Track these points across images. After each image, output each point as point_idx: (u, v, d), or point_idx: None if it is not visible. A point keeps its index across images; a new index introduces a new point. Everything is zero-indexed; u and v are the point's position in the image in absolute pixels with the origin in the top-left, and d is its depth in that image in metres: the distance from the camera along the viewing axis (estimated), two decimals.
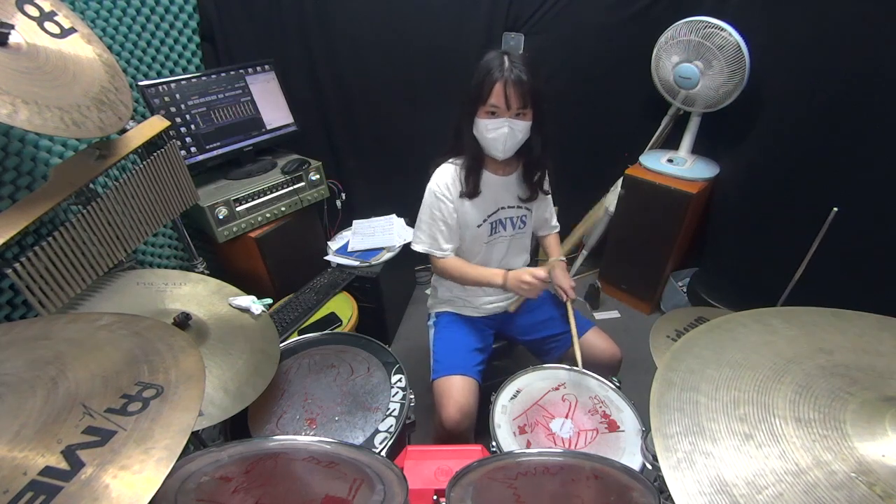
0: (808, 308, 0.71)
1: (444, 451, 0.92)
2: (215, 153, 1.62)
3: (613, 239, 2.17)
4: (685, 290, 2.02)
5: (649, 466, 0.69)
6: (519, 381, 1.13)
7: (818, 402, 0.54)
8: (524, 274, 1.14)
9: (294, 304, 1.65)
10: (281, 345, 1.13)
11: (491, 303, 1.35)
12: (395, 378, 1.10)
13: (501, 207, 1.25)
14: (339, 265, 1.85)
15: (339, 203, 2.04)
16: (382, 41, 1.80)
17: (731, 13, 1.61)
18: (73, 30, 0.97)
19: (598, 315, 2.20)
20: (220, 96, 1.62)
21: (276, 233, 1.69)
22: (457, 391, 1.16)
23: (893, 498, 0.43)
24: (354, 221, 2.06)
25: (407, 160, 2.01)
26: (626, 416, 1.03)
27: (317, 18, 1.75)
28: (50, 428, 0.51)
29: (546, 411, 1.05)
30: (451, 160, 1.20)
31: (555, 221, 1.44)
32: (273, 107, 1.77)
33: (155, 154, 1.11)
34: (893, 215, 1.37)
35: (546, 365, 1.17)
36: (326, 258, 1.89)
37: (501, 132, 1.08)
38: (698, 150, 1.95)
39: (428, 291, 1.52)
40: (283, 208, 1.70)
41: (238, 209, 1.58)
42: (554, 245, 1.44)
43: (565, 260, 1.39)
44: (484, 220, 1.23)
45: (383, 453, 0.94)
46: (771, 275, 1.59)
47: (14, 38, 0.83)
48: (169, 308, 1.02)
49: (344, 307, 1.68)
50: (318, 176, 1.80)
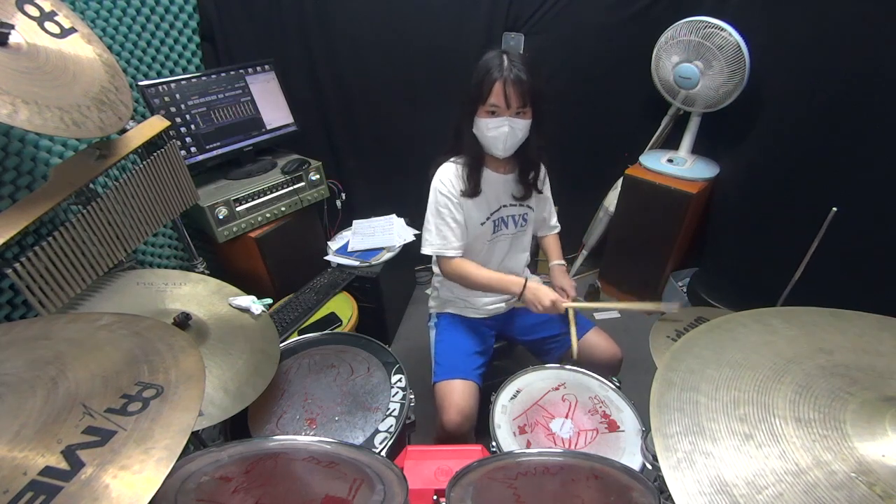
0: (808, 308, 0.71)
1: (444, 451, 0.92)
2: (215, 153, 1.62)
3: (613, 239, 2.17)
4: (685, 290, 2.02)
5: (649, 466, 0.69)
6: (519, 381, 1.13)
7: (818, 402, 0.54)
8: (545, 299, 1.12)
9: (294, 304, 1.65)
10: (281, 345, 1.13)
11: (492, 304, 1.35)
12: (395, 378, 1.10)
13: (503, 205, 1.25)
14: (339, 265, 1.85)
15: (339, 203, 2.04)
16: (382, 41, 1.80)
17: (731, 13, 1.61)
18: (73, 30, 0.97)
19: (598, 315, 2.20)
20: (220, 96, 1.62)
21: (276, 233, 1.69)
22: (458, 395, 1.16)
23: (893, 498, 0.43)
24: (354, 221, 2.06)
25: (407, 160, 2.01)
26: (626, 416, 1.03)
27: (317, 18, 1.75)
28: (50, 428, 0.51)
29: (546, 411, 1.05)
30: (452, 159, 1.21)
31: (554, 221, 1.44)
32: (273, 107, 1.77)
33: (155, 154, 1.11)
34: (893, 215, 1.37)
35: (546, 365, 1.17)
36: (326, 258, 1.89)
37: (502, 131, 1.08)
38: (698, 150, 1.95)
39: (428, 291, 1.52)
40: (283, 208, 1.70)
41: (238, 209, 1.58)
42: (554, 247, 1.43)
43: (565, 264, 1.39)
44: (487, 219, 1.23)
45: (383, 453, 0.94)
46: (771, 275, 1.59)
47: (14, 38, 0.83)
48: (169, 308, 1.02)
49: (344, 307, 1.68)
50: (318, 176, 1.80)
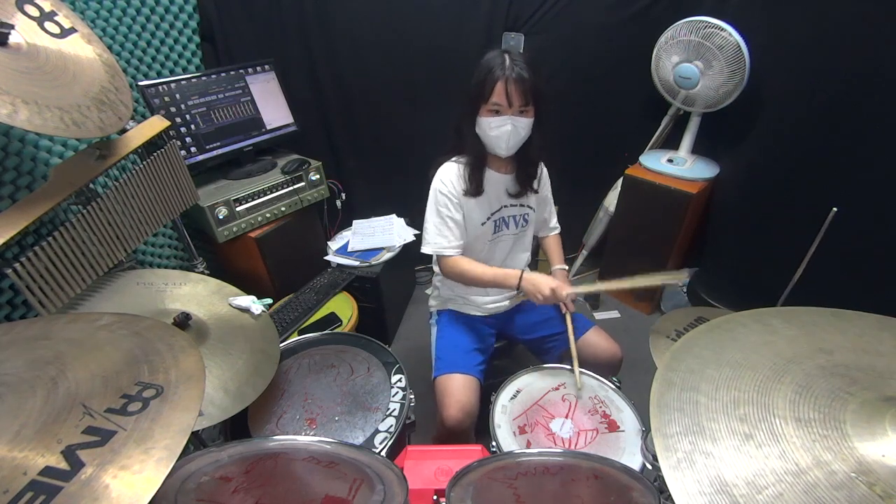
0: (808, 308, 0.71)
1: (444, 451, 0.92)
2: (215, 153, 1.62)
3: (613, 239, 2.17)
4: (685, 290, 2.02)
5: (649, 466, 0.69)
6: (519, 381, 1.13)
7: (818, 402, 0.54)
8: (545, 287, 1.10)
9: (294, 304, 1.65)
10: (281, 345, 1.13)
11: (493, 302, 1.35)
12: (395, 378, 1.10)
13: (504, 206, 1.25)
14: (339, 265, 1.85)
15: (339, 203, 2.04)
16: (382, 41, 1.80)
17: (731, 13, 1.61)
18: (73, 30, 0.97)
19: (598, 315, 2.20)
20: (220, 96, 1.62)
21: (276, 233, 1.69)
22: (458, 389, 1.16)
23: (893, 498, 0.43)
24: (354, 221, 2.06)
25: (407, 160, 2.01)
26: (626, 416, 1.03)
27: (317, 18, 1.75)
28: (50, 428, 0.51)
29: (546, 411, 1.05)
30: (453, 159, 1.21)
31: (555, 222, 1.44)
32: (273, 107, 1.77)
33: (155, 154, 1.11)
34: (893, 215, 1.37)
35: (546, 365, 1.17)
36: (326, 258, 1.89)
37: (504, 130, 1.08)
38: (698, 150, 1.95)
39: (428, 291, 1.52)
40: (283, 208, 1.70)
41: (238, 209, 1.58)
42: (555, 248, 1.43)
43: (567, 268, 1.39)
44: (488, 218, 1.23)
45: (383, 453, 0.94)
46: (771, 275, 1.59)
47: (14, 38, 0.83)
48: (169, 308, 1.02)
49: (344, 307, 1.68)
50: (318, 176, 1.80)
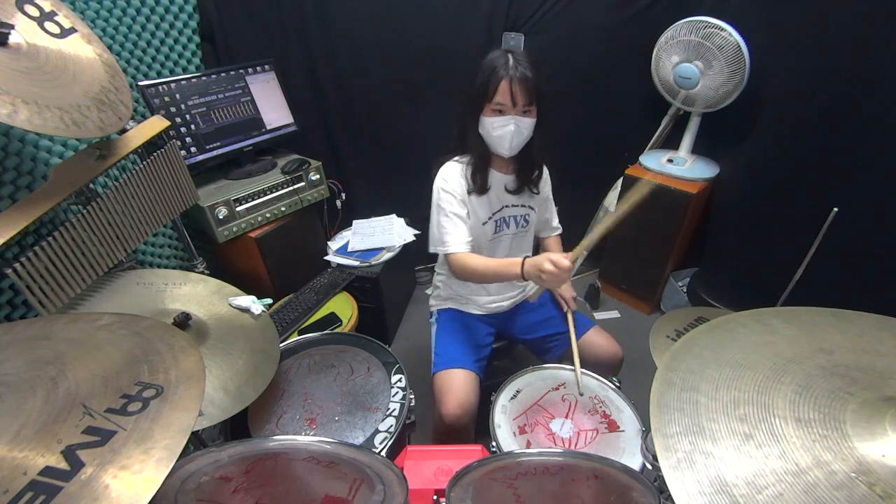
0: (808, 308, 0.71)
1: (444, 451, 0.92)
2: (215, 153, 1.62)
3: (613, 239, 2.17)
4: (685, 290, 2.02)
5: (649, 466, 0.69)
6: (519, 381, 1.13)
7: (818, 402, 0.54)
8: (544, 262, 0.98)
9: (294, 304, 1.65)
10: (281, 345, 1.13)
11: (493, 301, 1.35)
12: (395, 378, 1.10)
13: (506, 205, 1.25)
14: (339, 265, 1.85)
15: (339, 203, 2.04)
16: (382, 41, 1.80)
17: (731, 13, 1.61)
18: (73, 30, 0.97)
19: (598, 315, 2.20)
20: (220, 96, 1.62)
21: (276, 233, 1.69)
22: (457, 385, 1.16)
23: (893, 498, 0.43)
24: (354, 221, 2.06)
25: (407, 160, 2.01)
26: (626, 416, 1.03)
27: (317, 18, 1.75)
28: (50, 428, 0.51)
29: (546, 411, 1.05)
30: (455, 158, 1.20)
31: (556, 223, 1.44)
32: (273, 107, 1.77)
33: (155, 154, 1.11)
34: (893, 215, 1.37)
35: (546, 365, 1.17)
36: (326, 258, 1.89)
37: (508, 129, 1.08)
38: (698, 150, 1.95)
39: (428, 291, 1.52)
40: (283, 208, 1.70)
41: (238, 209, 1.58)
42: (556, 249, 1.43)
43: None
44: (489, 218, 1.23)
45: (383, 453, 0.94)
46: (771, 275, 1.59)
47: (14, 38, 0.83)
48: (169, 308, 1.02)
49: (344, 307, 1.68)
50: (318, 176, 1.80)
